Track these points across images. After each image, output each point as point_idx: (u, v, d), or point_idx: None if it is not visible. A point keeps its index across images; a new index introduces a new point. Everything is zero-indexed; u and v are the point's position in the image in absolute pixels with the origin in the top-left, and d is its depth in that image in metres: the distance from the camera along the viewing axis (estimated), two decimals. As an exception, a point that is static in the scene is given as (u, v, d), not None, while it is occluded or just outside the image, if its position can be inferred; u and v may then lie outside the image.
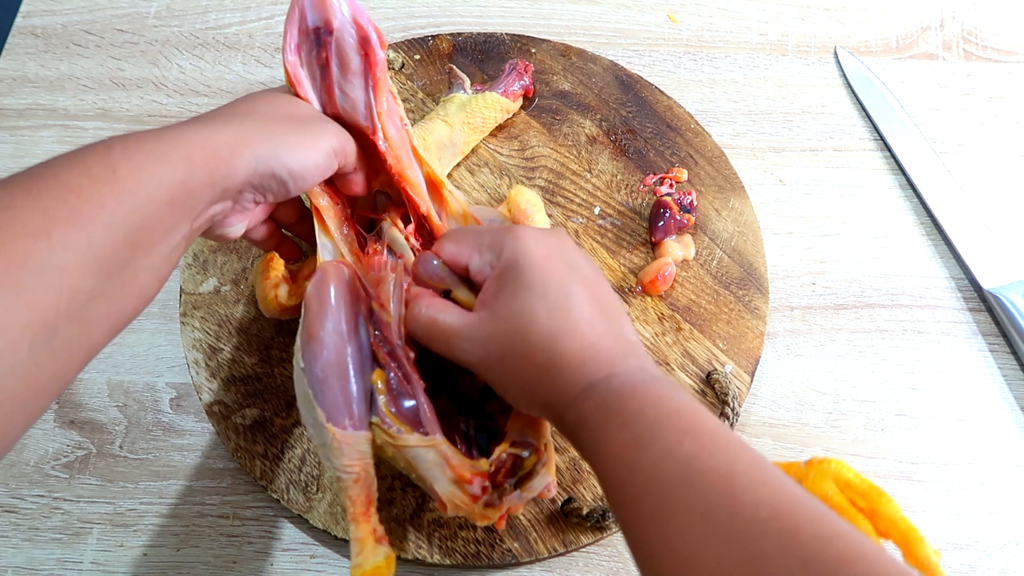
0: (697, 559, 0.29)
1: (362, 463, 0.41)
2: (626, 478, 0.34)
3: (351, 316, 0.44)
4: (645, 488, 0.33)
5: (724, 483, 0.31)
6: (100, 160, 0.34)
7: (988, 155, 0.65)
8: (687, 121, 0.64)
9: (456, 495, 0.41)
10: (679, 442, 0.33)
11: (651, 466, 0.33)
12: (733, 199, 0.61)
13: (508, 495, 0.41)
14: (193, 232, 0.38)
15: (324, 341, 0.42)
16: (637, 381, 0.37)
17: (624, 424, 0.35)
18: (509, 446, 0.42)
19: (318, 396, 0.42)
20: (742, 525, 0.29)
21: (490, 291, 0.41)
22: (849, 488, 0.38)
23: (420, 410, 0.42)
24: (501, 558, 0.49)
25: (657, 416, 0.35)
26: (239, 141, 0.39)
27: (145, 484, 0.53)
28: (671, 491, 0.32)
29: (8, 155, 0.65)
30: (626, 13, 0.71)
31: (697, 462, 0.32)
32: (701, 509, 0.30)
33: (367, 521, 0.41)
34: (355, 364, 0.43)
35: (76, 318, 0.32)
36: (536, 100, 0.65)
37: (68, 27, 0.70)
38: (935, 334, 0.58)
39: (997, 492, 0.53)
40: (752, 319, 0.56)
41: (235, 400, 0.54)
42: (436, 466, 0.41)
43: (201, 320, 0.56)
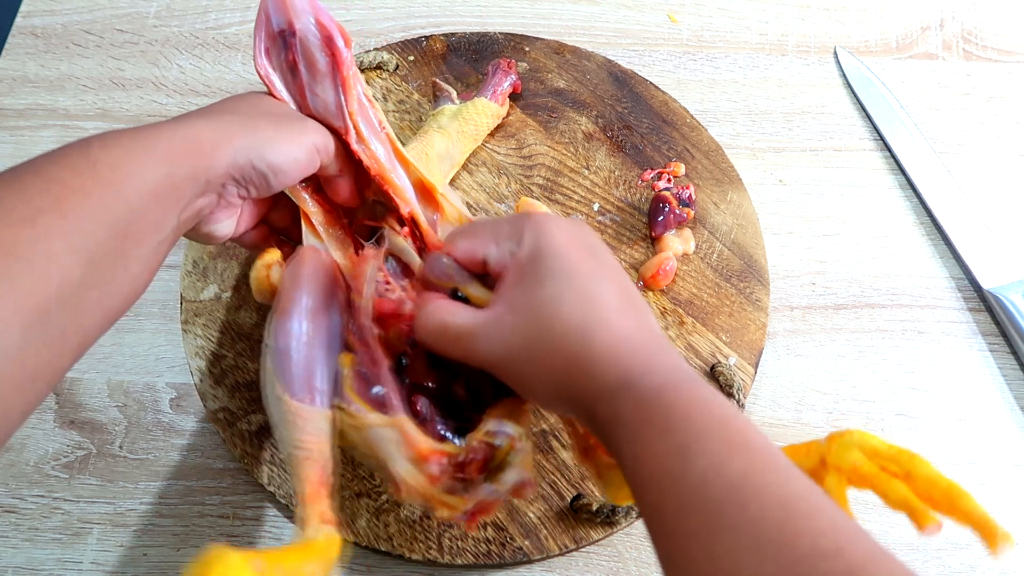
0: None
1: (317, 441, 0.40)
2: (668, 488, 0.32)
3: (323, 296, 0.43)
4: (691, 502, 0.30)
5: (780, 508, 0.29)
6: (80, 155, 0.35)
7: (988, 155, 0.65)
8: (683, 116, 0.64)
9: (412, 475, 0.38)
10: (729, 456, 0.31)
11: (699, 479, 0.31)
12: (731, 192, 0.61)
13: (476, 487, 0.39)
14: (181, 225, 0.39)
15: (291, 315, 0.42)
16: (678, 381, 0.35)
17: (667, 429, 0.33)
18: (483, 435, 0.39)
19: (279, 369, 0.41)
20: (802, 556, 0.27)
21: (510, 282, 0.39)
22: (878, 455, 0.35)
23: (385, 391, 0.40)
24: (512, 556, 0.49)
25: (704, 424, 0.33)
26: (220, 135, 0.39)
27: (145, 484, 0.53)
28: (720, 509, 0.30)
29: (8, 155, 0.65)
30: (626, 13, 0.71)
31: (750, 481, 0.30)
32: (753, 532, 0.28)
33: (316, 503, 0.39)
34: (321, 341, 0.42)
35: (68, 305, 0.32)
36: (525, 96, 0.64)
37: (68, 27, 0.70)
38: (935, 334, 0.58)
39: (997, 492, 0.53)
40: (754, 311, 0.57)
41: (240, 406, 0.54)
42: (394, 444, 0.39)
43: (203, 327, 0.56)
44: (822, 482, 0.36)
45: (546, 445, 0.52)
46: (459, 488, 0.38)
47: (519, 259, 0.39)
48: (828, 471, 0.36)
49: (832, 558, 0.27)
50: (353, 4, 0.72)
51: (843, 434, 0.36)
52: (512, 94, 0.64)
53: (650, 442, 0.33)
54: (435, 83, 0.62)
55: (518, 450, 0.39)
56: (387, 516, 0.50)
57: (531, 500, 0.50)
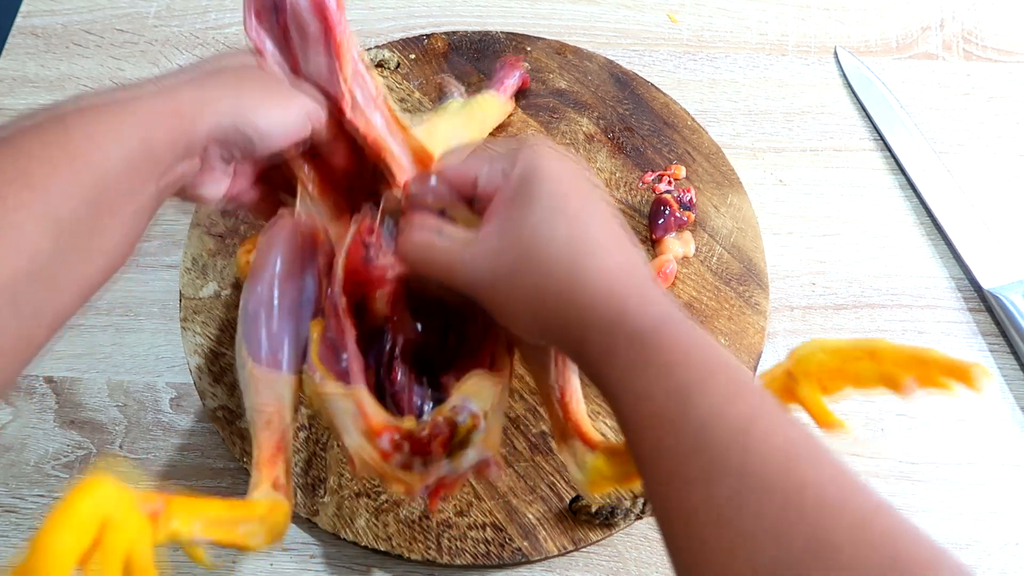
0: (750, 532, 0.26)
1: (276, 406, 0.40)
2: (668, 431, 0.30)
3: (295, 261, 0.43)
4: (692, 445, 0.29)
5: (784, 454, 0.28)
6: (54, 124, 0.34)
7: (988, 155, 0.65)
8: (684, 118, 0.64)
9: (364, 449, 0.37)
10: (732, 399, 0.30)
11: (701, 422, 0.29)
12: (731, 195, 0.61)
13: (435, 464, 0.36)
14: (161, 192, 0.37)
15: (259, 280, 0.42)
16: (676, 319, 0.33)
17: (668, 370, 0.31)
18: (448, 411, 0.37)
19: (245, 333, 0.41)
20: (808, 507, 0.26)
21: (500, 203, 0.37)
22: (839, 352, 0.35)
23: (348, 361, 0.39)
24: (511, 557, 0.49)
25: (706, 366, 0.31)
26: (202, 100, 0.38)
27: (145, 484, 0.53)
28: (723, 453, 0.28)
29: (8, 155, 0.64)
30: (626, 13, 0.71)
31: (754, 425, 0.29)
32: (757, 478, 0.27)
33: (270, 468, 0.39)
34: (289, 307, 0.41)
35: (39, 279, 0.32)
36: (526, 96, 0.64)
37: (68, 27, 0.70)
38: (935, 334, 0.58)
39: (997, 492, 0.53)
40: (753, 315, 0.56)
41: (239, 404, 0.53)
42: (349, 416, 0.37)
43: (202, 325, 0.56)
44: (796, 396, 0.35)
45: (545, 446, 0.52)
46: (417, 464, 0.37)
47: (511, 180, 0.37)
48: (798, 382, 0.35)
49: (838, 511, 0.26)
50: (353, 3, 0.72)
51: (802, 345, 0.36)
52: (520, 91, 0.64)
53: (649, 382, 0.31)
54: (443, 80, 0.62)
55: (480, 429, 0.37)
56: (386, 516, 0.50)
57: (529, 501, 0.50)
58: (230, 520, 0.35)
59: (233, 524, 0.35)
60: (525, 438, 0.53)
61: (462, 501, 0.51)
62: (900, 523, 0.26)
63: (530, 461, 0.52)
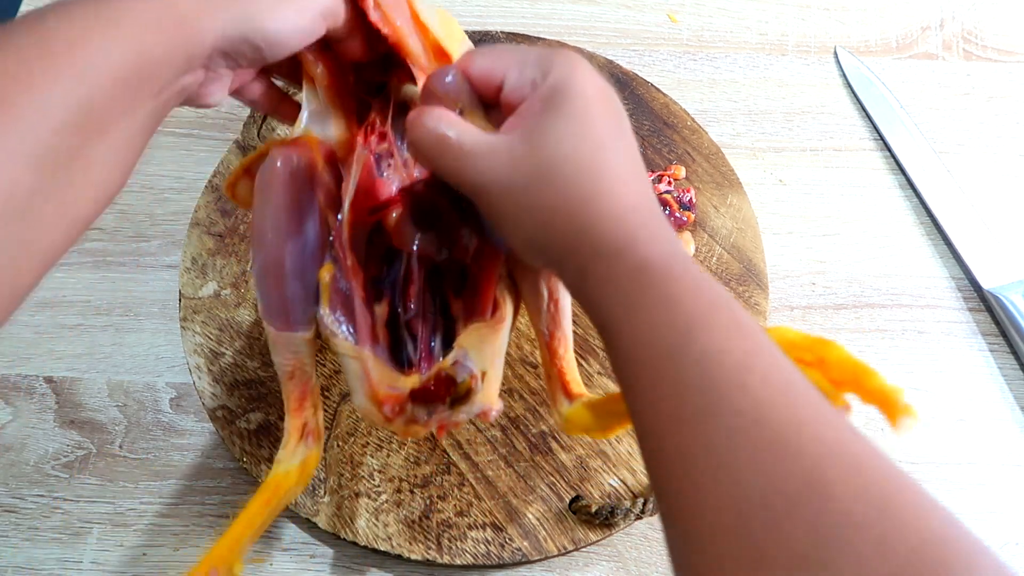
0: (745, 473, 0.26)
1: (296, 360, 0.42)
2: (666, 364, 0.29)
3: (296, 208, 0.41)
4: (691, 380, 0.28)
5: (782, 395, 0.27)
6: (31, 33, 0.30)
7: (988, 155, 0.65)
8: (684, 119, 0.64)
9: (371, 412, 0.39)
10: (734, 336, 0.29)
11: (700, 356, 0.29)
12: (731, 196, 0.61)
13: (437, 413, 0.39)
14: (159, 109, 0.34)
15: (264, 240, 0.41)
16: (684, 256, 0.33)
17: (671, 301, 0.30)
18: (449, 365, 0.39)
19: (259, 293, 0.42)
20: (805, 446, 0.26)
21: (526, 111, 0.35)
22: (795, 347, 0.35)
23: (356, 318, 0.40)
24: (512, 557, 0.49)
25: (711, 301, 0.30)
26: (205, 2, 0.34)
27: (145, 484, 0.53)
28: (723, 390, 0.28)
29: (8, 155, 0.64)
30: (626, 13, 0.71)
31: (754, 362, 0.28)
32: (756, 416, 0.27)
33: (298, 416, 0.42)
34: (294, 264, 0.41)
35: (20, 217, 0.29)
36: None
37: (68, 27, 0.70)
38: (935, 334, 0.58)
39: (997, 492, 0.53)
40: (753, 315, 0.56)
41: (239, 405, 0.54)
42: (357, 378, 0.39)
43: (202, 324, 0.56)
44: None
45: (545, 446, 0.52)
46: (421, 416, 0.39)
47: (542, 91, 0.35)
48: None
49: (834, 453, 0.26)
50: (353, 4, 0.72)
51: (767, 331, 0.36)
52: None
53: (650, 314, 0.31)
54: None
55: (477, 390, 0.38)
56: (386, 516, 0.50)
57: (529, 502, 0.50)
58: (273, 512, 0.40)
59: (275, 511, 0.40)
60: (525, 438, 0.53)
61: (462, 501, 0.51)
62: (893, 469, 0.26)
63: (530, 461, 0.52)
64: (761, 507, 0.25)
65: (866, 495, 0.25)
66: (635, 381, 0.31)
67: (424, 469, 0.52)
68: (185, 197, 0.62)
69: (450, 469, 0.52)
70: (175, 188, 0.63)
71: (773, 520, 0.25)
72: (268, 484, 0.40)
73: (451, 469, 0.52)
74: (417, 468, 0.52)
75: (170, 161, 0.64)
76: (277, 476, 0.41)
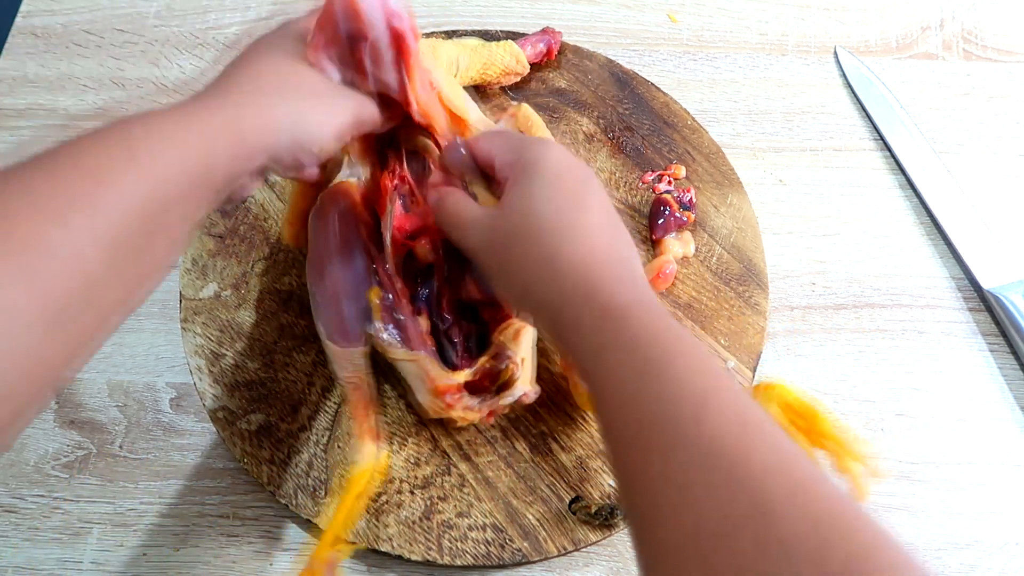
0: (699, 499, 0.29)
1: (357, 374, 0.49)
2: (630, 403, 0.33)
3: (346, 243, 0.49)
4: (652, 418, 0.31)
5: (736, 428, 0.30)
6: (119, 144, 0.34)
7: (988, 155, 0.65)
8: (684, 118, 0.64)
9: (435, 404, 0.47)
10: (693, 375, 0.32)
11: (661, 395, 0.32)
12: (731, 195, 0.61)
13: (489, 400, 0.47)
14: (210, 206, 0.39)
15: (324, 272, 0.49)
16: (647, 302, 0.36)
17: (634, 346, 0.34)
18: (490, 359, 0.47)
19: (318, 315, 0.50)
20: (754, 473, 0.28)
21: (509, 185, 0.41)
22: (790, 409, 0.42)
23: (407, 329, 0.48)
24: (512, 558, 0.49)
25: (671, 346, 0.34)
26: (262, 122, 0.39)
27: (145, 484, 0.53)
28: (681, 425, 0.31)
29: (8, 155, 0.64)
30: (626, 13, 0.71)
31: (711, 399, 0.31)
32: (708, 448, 0.29)
33: (365, 421, 0.49)
34: (349, 289, 0.49)
35: (89, 302, 0.32)
36: (526, 96, 0.64)
37: (68, 27, 0.70)
38: (935, 334, 0.58)
39: (997, 492, 0.53)
40: (753, 315, 0.56)
41: (239, 406, 0.54)
42: (417, 378, 0.48)
43: (202, 326, 0.56)
44: None
45: (545, 447, 0.52)
46: (475, 403, 0.47)
47: (516, 167, 0.41)
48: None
49: (778, 476, 0.28)
50: (353, 4, 0.72)
51: (768, 387, 0.43)
52: (514, 88, 0.65)
53: (616, 357, 0.34)
54: None
55: (517, 377, 0.47)
56: (387, 517, 0.50)
57: (529, 502, 0.51)
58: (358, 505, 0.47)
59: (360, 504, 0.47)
60: (525, 439, 0.53)
61: (462, 502, 0.51)
62: (833, 490, 0.29)
63: (530, 462, 0.52)
64: (713, 528, 0.28)
65: (804, 514, 0.27)
66: (605, 415, 0.34)
67: (425, 470, 0.52)
68: (185, 197, 0.62)
69: (450, 470, 0.52)
70: (175, 188, 0.63)
71: (723, 539, 0.27)
72: (355, 481, 0.47)
73: (451, 470, 0.52)
74: (417, 469, 0.52)
75: (170, 161, 0.64)
76: (361, 473, 0.47)
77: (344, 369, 0.49)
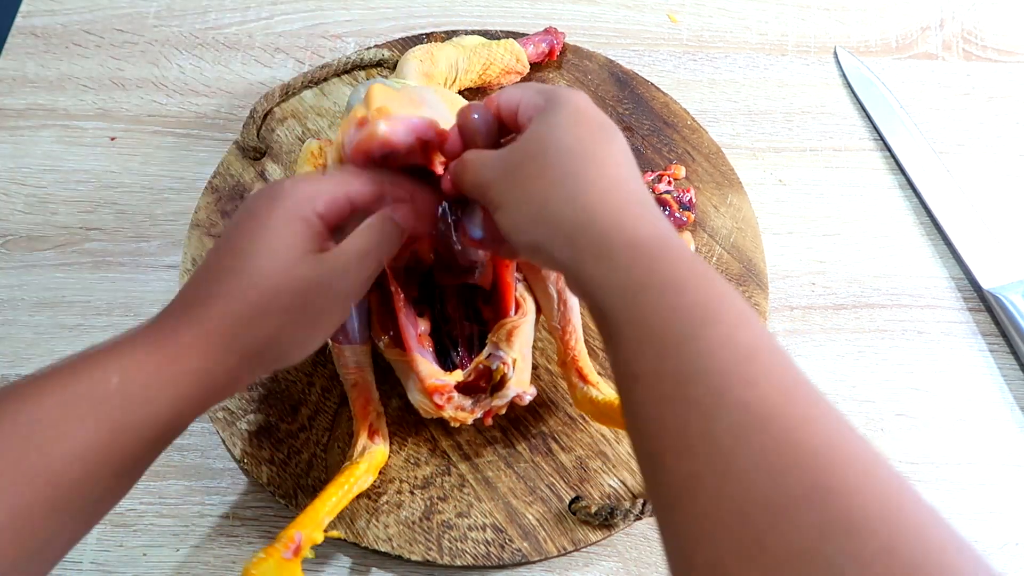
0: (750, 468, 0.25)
1: (358, 371, 0.50)
2: (671, 351, 0.29)
3: None
4: (696, 368, 0.28)
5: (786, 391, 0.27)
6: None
7: (988, 155, 0.65)
8: (684, 118, 0.64)
9: (424, 403, 0.47)
10: (740, 327, 0.29)
11: (708, 346, 0.28)
12: (731, 195, 0.61)
13: (483, 401, 0.47)
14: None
15: None
16: (682, 245, 0.32)
17: (675, 286, 0.30)
18: (484, 359, 0.47)
19: None
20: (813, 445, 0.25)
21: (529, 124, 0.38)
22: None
23: (403, 329, 0.48)
24: (512, 558, 0.49)
25: (716, 289, 0.30)
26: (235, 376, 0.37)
27: (145, 484, 0.53)
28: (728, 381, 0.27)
29: (8, 155, 0.65)
30: (626, 13, 0.71)
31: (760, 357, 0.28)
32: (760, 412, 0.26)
33: (364, 419, 0.50)
34: None
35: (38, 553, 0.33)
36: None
37: (68, 27, 0.70)
38: (935, 334, 0.58)
39: (997, 492, 0.53)
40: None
41: (239, 406, 0.54)
42: (408, 378, 0.48)
43: (201, 320, 0.56)
44: None
45: (545, 447, 0.52)
46: (467, 404, 0.47)
47: (544, 103, 0.38)
48: None
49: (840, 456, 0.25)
50: (353, 4, 0.72)
51: None
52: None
53: (654, 297, 0.30)
54: None
55: (510, 376, 0.47)
56: (387, 517, 0.50)
57: (529, 502, 0.51)
58: (345, 495, 0.47)
59: (348, 493, 0.47)
60: (525, 439, 0.53)
61: (462, 503, 0.51)
62: (898, 475, 0.26)
63: (530, 462, 0.52)
64: (765, 504, 0.24)
65: (871, 498, 0.24)
66: (635, 362, 0.30)
67: (424, 470, 0.52)
68: (185, 197, 0.62)
69: (450, 470, 0.52)
70: (175, 188, 0.63)
71: (778, 516, 0.24)
72: (343, 472, 0.48)
73: (451, 470, 0.52)
74: (417, 469, 0.52)
75: (170, 161, 0.64)
76: (350, 468, 0.48)
77: (345, 366, 0.50)
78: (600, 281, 0.32)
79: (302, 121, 0.64)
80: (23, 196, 0.63)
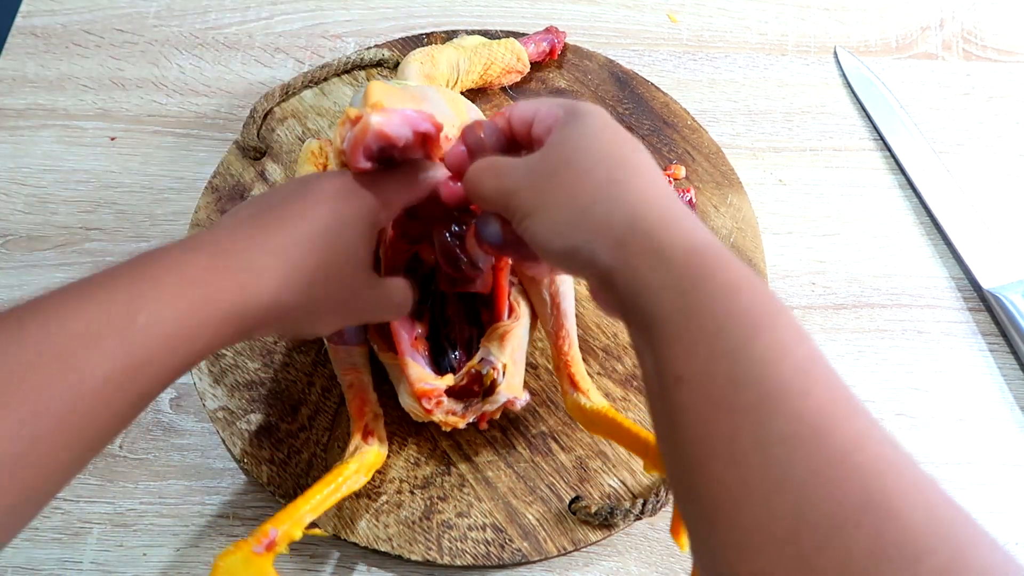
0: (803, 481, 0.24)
1: (354, 372, 0.50)
2: (725, 354, 0.28)
3: None
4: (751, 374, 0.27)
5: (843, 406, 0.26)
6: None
7: (988, 155, 0.65)
8: (684, 118, 0.64)
9: (413, 407, 0.47)
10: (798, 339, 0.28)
11: (764, 353, 0.27)
12: (731, 195, 0.61)
13: (474, 406, 0.47)
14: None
15: None
16: (727, 250, 0.32)
17: (730, 289, 0.29)
18: (476, 363, 0.47)
19: None
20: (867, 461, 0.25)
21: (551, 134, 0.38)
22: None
23: (396, 332, 0.48)
24: (512, 558, 0.49)
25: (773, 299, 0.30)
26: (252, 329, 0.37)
27: (145, 484, 0.53)
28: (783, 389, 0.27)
29: (8, 155, 0.65)
30: (626, 13, 0.71)
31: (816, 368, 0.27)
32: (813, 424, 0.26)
33: (360, 420, 0.49)
34: None
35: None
36: (526, 96, 0.64)
37: (68, 27, 0.70)
38: (935, 334, 0.58)
39: (997, 492, 0.53)
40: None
41: (239, 406, 0.54)
42: (399, 381, 0.49)
43: (201, 320, 0.56)
44: None
45: (545, 447, 0.52)
46: (458, 408, 0.47)
47: (565, 115, 0.38)
48: None
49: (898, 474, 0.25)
50: (353, 4, 0.72)
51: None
52: (514, 88, 0.65)
53: (709, 300, 0.29)
54: None
55: (500, 380, 0.47)
56: (386, 517, 0.50)
57: (529, 502, 0.51)
58: (332, 492, 0.46)
59: (334, 493, 0.46)
60: (525, 439, 0.53)
61: (462, 502, 0.51)
62: (948, 495, 0.25)
63: (530, 462, 0.52)
64: (818, 519, 0.24)
65: (929, 518, 0.24)
66: (686, 367, 0.29)
67: (424, 470, 0.52)
68: (185, 197, 0.62)
69: (450, 470, 0.52)
70: (175, 188, 0.63)
71: (831, 533, 0.23)
72: (332, 471, 0.47)
73: (451, 470, 0.52)
74: (417, 469, 0.52)
75: (170, 161, 0.64)
76: (339, 467, 0.47)
77: (340, 367, 0.50)
78: (650, 281, 0.31)
79: (302, 121, 0.64)
80: (23, 196, 0.63)
